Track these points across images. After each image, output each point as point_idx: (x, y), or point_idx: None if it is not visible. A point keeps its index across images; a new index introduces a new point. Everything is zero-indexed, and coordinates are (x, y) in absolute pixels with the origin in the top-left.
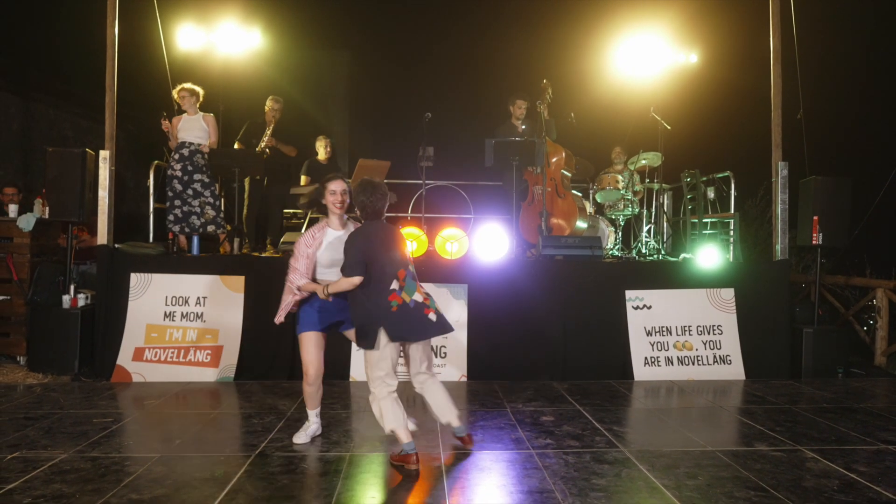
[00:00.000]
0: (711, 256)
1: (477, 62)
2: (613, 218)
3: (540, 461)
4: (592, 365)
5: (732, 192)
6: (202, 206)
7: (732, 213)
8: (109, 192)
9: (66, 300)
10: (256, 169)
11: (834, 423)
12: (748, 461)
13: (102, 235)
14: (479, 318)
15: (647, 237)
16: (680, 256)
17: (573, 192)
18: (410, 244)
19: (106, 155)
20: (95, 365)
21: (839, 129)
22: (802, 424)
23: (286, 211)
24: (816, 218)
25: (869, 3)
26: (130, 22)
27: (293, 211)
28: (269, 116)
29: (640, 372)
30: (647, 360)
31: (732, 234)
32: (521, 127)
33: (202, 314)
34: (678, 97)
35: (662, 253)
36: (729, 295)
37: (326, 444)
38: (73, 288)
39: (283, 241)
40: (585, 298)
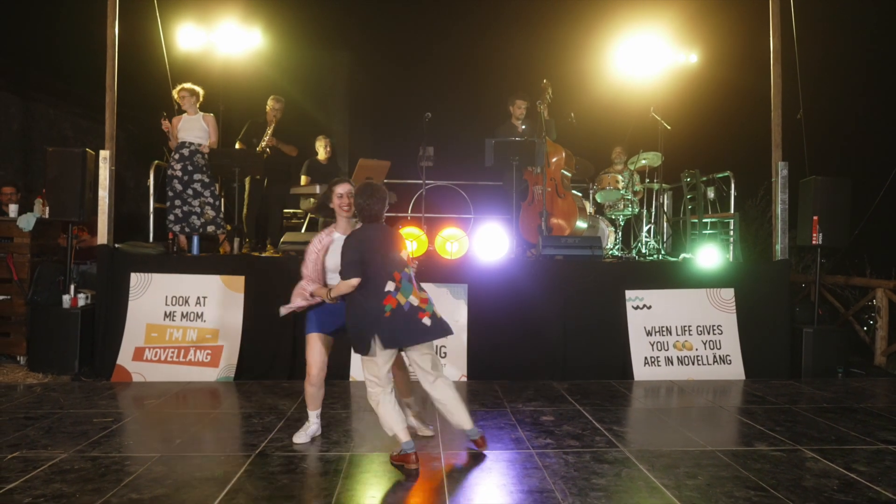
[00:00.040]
0: (711, 256)
1: (477, 62)
2: (613, 218)
3: (540, 461)
4: (592, 365)
5: (732, 192)
6: (202, 206)
7: (732, 213)
8: (109, 191)
9: (66, 300)
10: (256, 169)
11: (834, 422)
12: (748, 461)
13: (102, 235)
14: (479, 318)
15: (647, 237)
16: (680, 256)
17: (573, 192)
18: (410, 244)
19: (106, 155)
20: (95, 365)
21: (839, 129)
22: (802, 424)
23: (286, 211)
24: (816, 218)
25: (869, 3)
26: (130, 22)
27: (293, 211)
28: (270, 116)
29: (640, 372)
30: (647, 359)
31: (732, 234)
32: (521, 127)
33: (202, 314)
34: (678, 97)
35: (662, 253)
36: (729, 295)
37: (326, 443)
38: (73, 288)
39: (283, 241)
40: (585, 298)
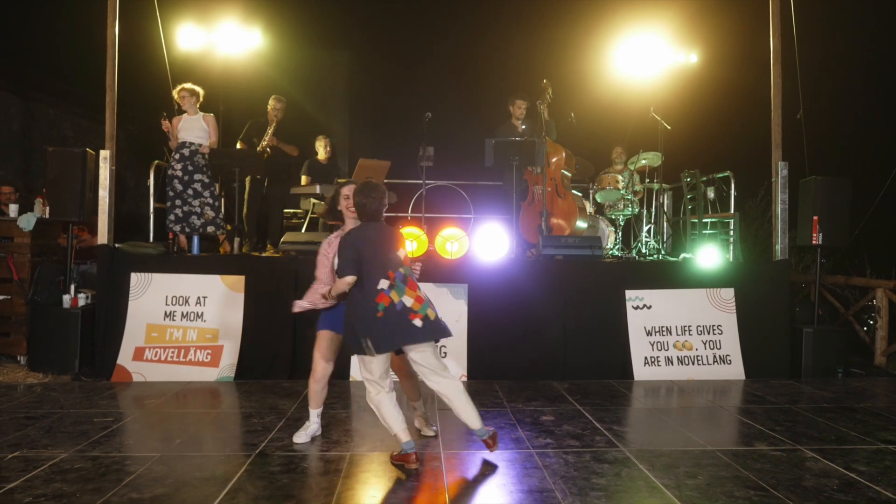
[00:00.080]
0: (711, 256)
1: (477, 62)
2: (613, 218)
3: (540, 460)
4: (592, 365)
5: (732, 192)
6: (202, 206)
7: (732, 213)
8: (110, 191)
9: (66, 300)
10: (257, 169)
11: (834, 422)
12: (748, 461)
13: (103, 235)
14: (479, 317)
15: (647, 237)
16: (680, 256)
17: (573, 191)
18: (410, 244)
19: (106, 155)
20: (96, 364)
21: (839, 129)
22: (802, 424)
23: (286, 211)
24: (816, 218)
25: (869, 3)
26: (130, 22)
27: (293, 211)
28: (271, 116)
29: (640, 372)
30: (647, 359)
31: (732, 234)
32: (521, 127)
33: (202, 314)
34: (678, 97)
35: (662, 253)
36: (729, 295)
37: (327, 443)
38: (73, 287)
39: (283, 240)
40: (585, 298)
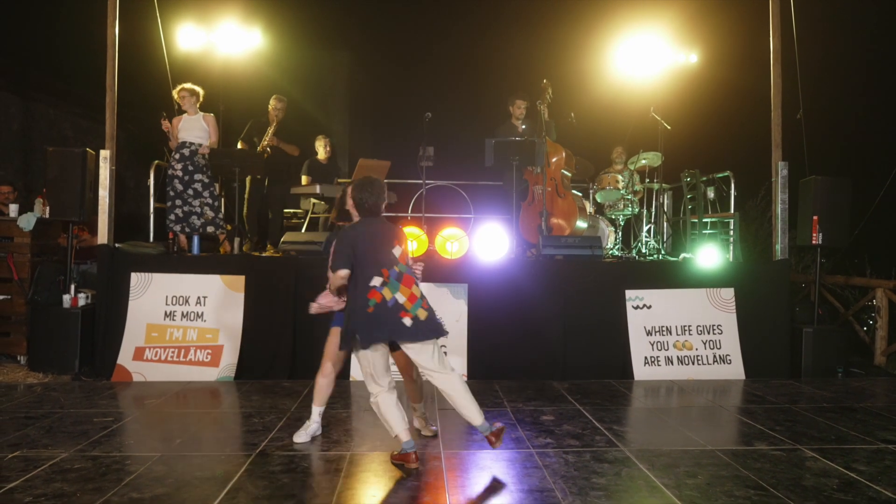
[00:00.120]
0: (711, 256)
1: (477, 62)
2: (613, 218)
3: (540, 460)
4: (592, 364)
5: (732, 192)
6: (202, 206)
7: (732, 212)
8: (110, 191)
9: (66, 300)
10: (257, 168)
11: (833, 422)
12: (748, 460)
13: (103, 235)
14: (479, 317)
15: (647, 237)
16: (680, 256)
17: (573, 191)
18: (411, 244)
19: (106, 154)
20: (96, 364)
21: (839, 129)
22: (802, 424)
23: (286, 211)
24: (816, 218)
25: (869, 3)
26: (130, 22)
27: (293, 211)
28: (272, 115)
29: (640, 371)
30: (647, 359)
31: (732, 233)
32: (521, 127)
33: (202, 314)
34: (678, 97)
35: (662, 253)
36: (729, 295)
37: (327, 443)
38: (73, 287)
39: (283, 240)
40: (585, 298)
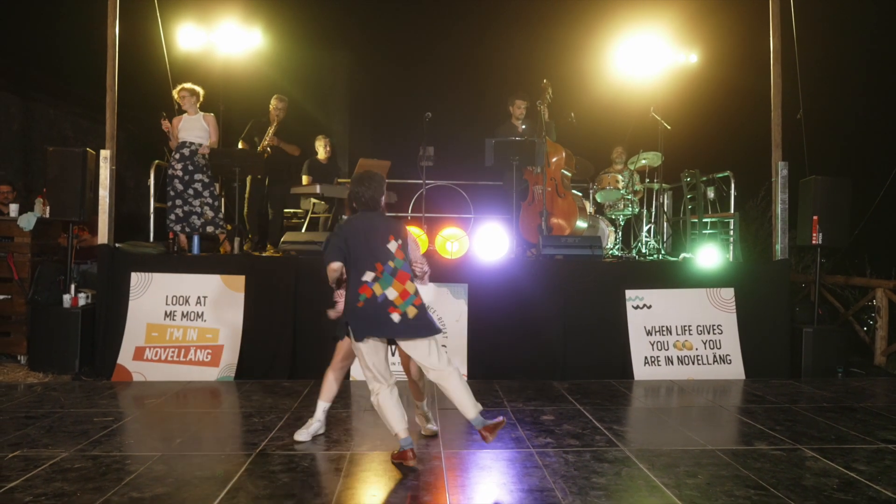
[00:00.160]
0: (711, 256)
1: (477, 62)
2: (613, 218)
3: (540, 460)
4: (592, 364)
5: (732, 191)
6: (202, 206)
7: (732, 212)
8: (110, 191)
9: (66, 299)
10: (257, 168)
11: (833, 422)
12: (748, 460)
13: (103, 235)
14: (479, 317)
15: (647, 237)
16: (680, 256)
17: (573, 191)
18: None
19: (107, 154)
20: (96, 364)
21: (839, 129)
22: (802, 423)
23: (287, 210)
24: (816, 218)
25: (869, 3)
26: (131, 22)
27: (294, 210)
28: (273, 115)
29: (640, 371)
30: (647, 359)
31: (732, 233)
32: (521, 127)
33: (202, 314)
34: (678, 97)
35: (662, 253)
36: (729, 294)
37: (327, 442)
38: (73, 287)
39: (283, 240)
40: (585, 298)
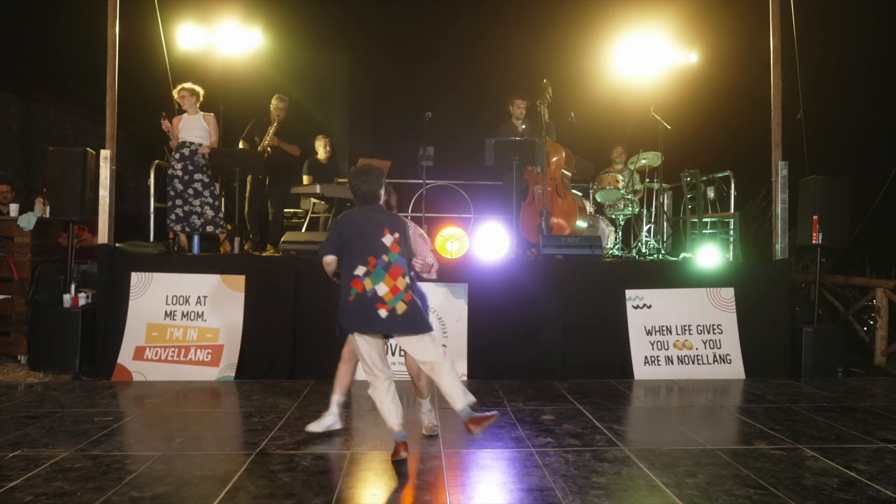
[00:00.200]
0: (711, 256)
1: (477, 62)
2: (613, 217)
3: (540, 459)
4: (592, 364)
5: (732, 191)
6: (202, 206)
7: (732, 212)
8: (110, 191)
9: (66, 299)
10: (257, 168)
11: (833, 421)
12: (748, 459)
13: (103, 235)
14: (479, 317)
15: (647, 237)
16: (680, 256)
17: (573, 191)
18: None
19: (107, 154)
20: (96, 364)
21: (839, 129)
22: (802, 423)
23: (287, 210)
24: (816, 217)
25: (869, 3)
26: (131, 22)
27: (294, 210)
28: (273, 115)
29: (640, 371)
30: (647, 359)
31: (732, 233)
32: (520, 126)
33: (203, 313)
34: (678, 97)
35: (662, 252)
36: (729, 294)
37: (327, 442)
38: (73, 287)
39: (283, 240)
40: (585, 298)
